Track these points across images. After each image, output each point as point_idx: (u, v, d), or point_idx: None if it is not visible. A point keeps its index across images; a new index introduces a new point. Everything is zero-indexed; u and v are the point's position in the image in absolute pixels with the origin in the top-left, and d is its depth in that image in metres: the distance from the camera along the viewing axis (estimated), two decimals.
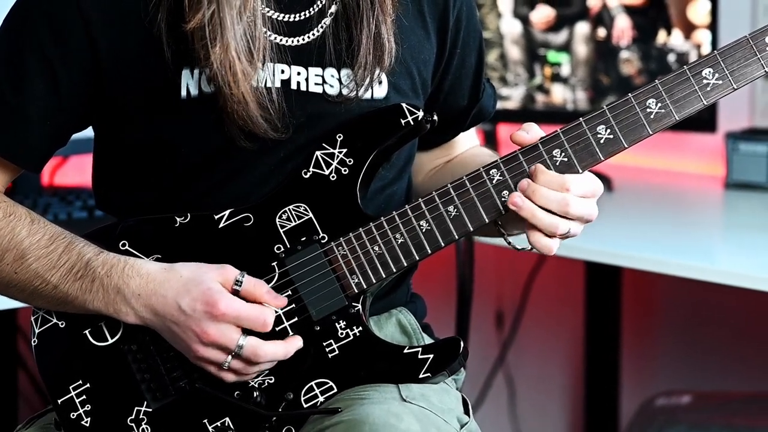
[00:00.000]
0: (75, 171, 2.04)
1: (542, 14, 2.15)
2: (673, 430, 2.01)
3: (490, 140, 2.21)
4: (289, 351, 1.15)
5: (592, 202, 1.17)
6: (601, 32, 2.12)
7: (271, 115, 1.16)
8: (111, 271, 1.15)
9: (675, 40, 2.08)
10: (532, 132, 1.18)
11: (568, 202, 1.15)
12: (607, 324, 2.27)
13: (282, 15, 1.19)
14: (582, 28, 2.13)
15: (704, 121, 2.03)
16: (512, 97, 2.18)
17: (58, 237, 1.18)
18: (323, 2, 1.20)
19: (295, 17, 1.19)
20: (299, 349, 1.16)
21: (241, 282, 1.14)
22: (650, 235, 1.81)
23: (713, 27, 2.04)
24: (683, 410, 2.06)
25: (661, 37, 2.08)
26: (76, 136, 1.25)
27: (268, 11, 1.18)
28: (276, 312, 1.15)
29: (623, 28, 2.10)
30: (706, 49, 2.05)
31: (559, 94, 2.15)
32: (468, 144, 1.36)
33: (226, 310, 1.12)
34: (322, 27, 1.20)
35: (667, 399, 2.11)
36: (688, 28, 2.07)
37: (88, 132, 1.26)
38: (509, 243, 1.21)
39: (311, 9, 1.20)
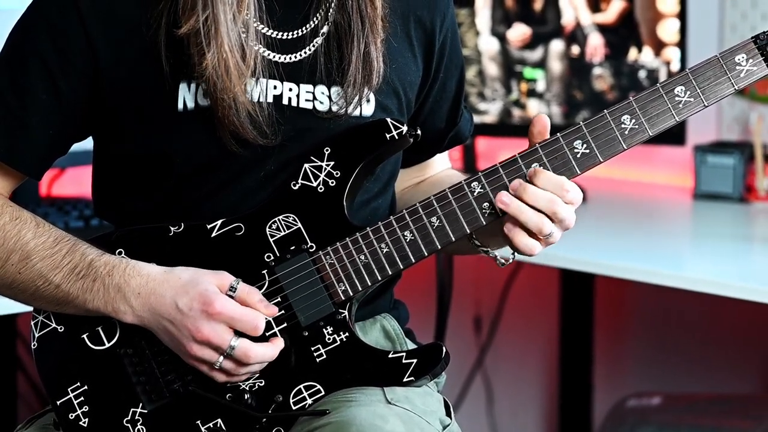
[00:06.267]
0: (72, 182, 2.03)
1: (519, 32, 2.15)
2: (644, 430, 2.02)
3: (469, 153, 2.22)
4: (275, 352, 1.17)
5: (573, 209, 1.18)
6: (575, 50, 2.13)
7: (261, 123, 1.18)
8: (113, 270, 1.17)
9: (645, 57, 2.09)
10: (543, 123, 1.19)
11: (557, 201, 1.16)
12: (580, 329, 2.27)
13: (275, 32, 1.21)
14: (557, 45, 2.14)
15: (674, 134, 2.03)
16: (490, 111, 2.18)
17: (63, 239, 1.20)
18: (316, 22, 1.22)
19: (288, 35, 1.21)
20: (287, 352, 1.17)
21: (236, 288, 1.16)
22: (622, 244, 1.83)
23: (682, 45, 2.06)
24: (653, 411, 2.07)
25: (632, 54, 2.09)
26: (73, 148, 1.26)
27: (262, 27, 1.20)
28: (267, 319, 1.17)
29: (596, 45, 2.11)
30: (675, 65, 2.06)
31: (534, 108, 2.16)
32: (441, 166, 1.38)
33: (221, 310, 1.14)
34: (314, 46, 1.21)
35: (638, 400, 2.12)
36: (658, 46, 2.08)
37: (86, 144, 1.28)
38: (494, 256, 1.21)
39: (304, 28, 1.21)
